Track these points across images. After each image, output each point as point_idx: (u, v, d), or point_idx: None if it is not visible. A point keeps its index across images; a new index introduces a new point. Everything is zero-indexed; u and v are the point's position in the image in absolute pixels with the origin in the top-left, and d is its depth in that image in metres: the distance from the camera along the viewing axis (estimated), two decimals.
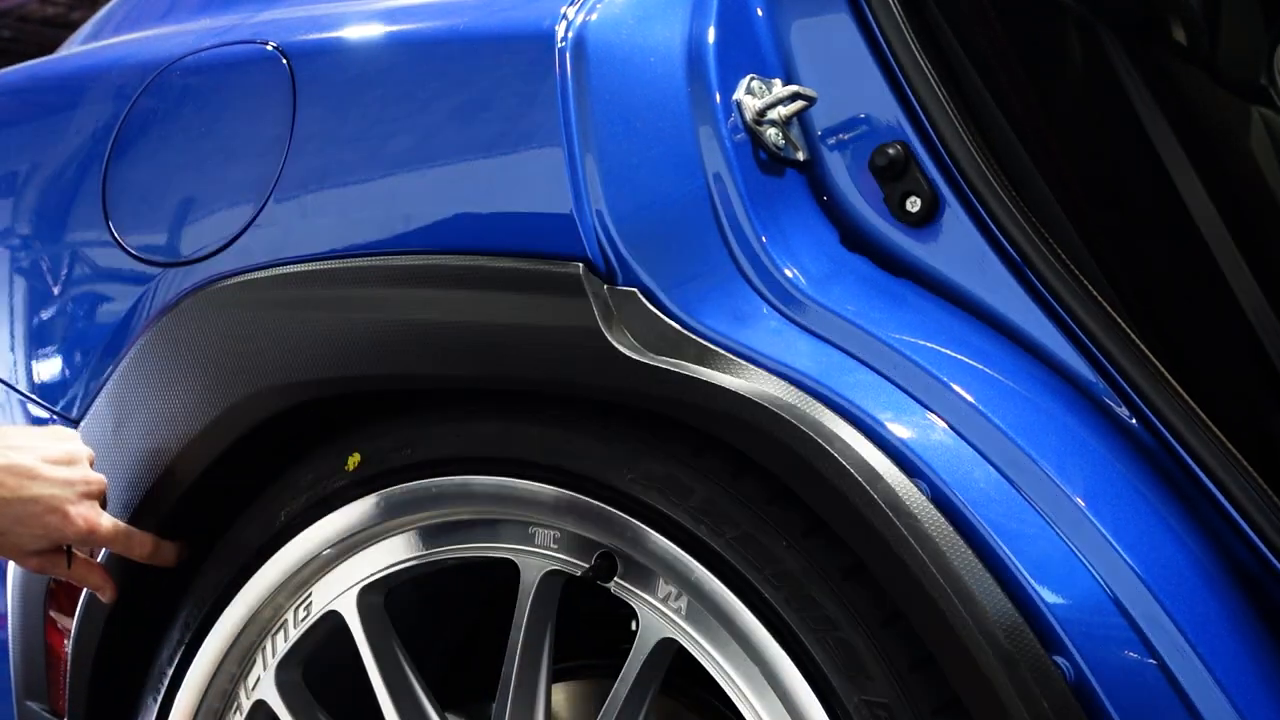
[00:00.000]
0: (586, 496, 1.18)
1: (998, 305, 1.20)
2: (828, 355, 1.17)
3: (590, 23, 1.22)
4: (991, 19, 1.37)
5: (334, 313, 1.30)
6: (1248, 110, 1.98)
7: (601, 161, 1.19)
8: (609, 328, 1.15)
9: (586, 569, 1.19)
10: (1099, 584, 1.06)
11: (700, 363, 1.14)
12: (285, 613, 1.37)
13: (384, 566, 1.32)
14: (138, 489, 1.41)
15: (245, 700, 1.39)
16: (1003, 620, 1.02)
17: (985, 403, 1.13)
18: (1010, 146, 1.29)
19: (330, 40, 1.40)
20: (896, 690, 1.04)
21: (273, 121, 1.38)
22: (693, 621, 1.14)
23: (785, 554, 1.09)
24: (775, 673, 1.09)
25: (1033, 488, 1.09)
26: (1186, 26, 1.86)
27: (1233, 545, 1.12)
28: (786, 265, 1.22)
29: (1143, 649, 1.05)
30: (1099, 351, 1.15)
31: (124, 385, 1.43)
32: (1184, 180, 1.60)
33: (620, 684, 1.18)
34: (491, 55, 1.26)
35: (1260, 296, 1.56)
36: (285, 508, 1.35)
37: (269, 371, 1.32)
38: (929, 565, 1.02)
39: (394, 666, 1.31)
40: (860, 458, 1.06)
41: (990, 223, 1.19)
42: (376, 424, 1.32)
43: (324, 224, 1.34)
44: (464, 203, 1.26)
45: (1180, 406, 1.13)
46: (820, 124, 1.29)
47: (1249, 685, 1.06)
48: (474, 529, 1.27)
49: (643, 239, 1.19)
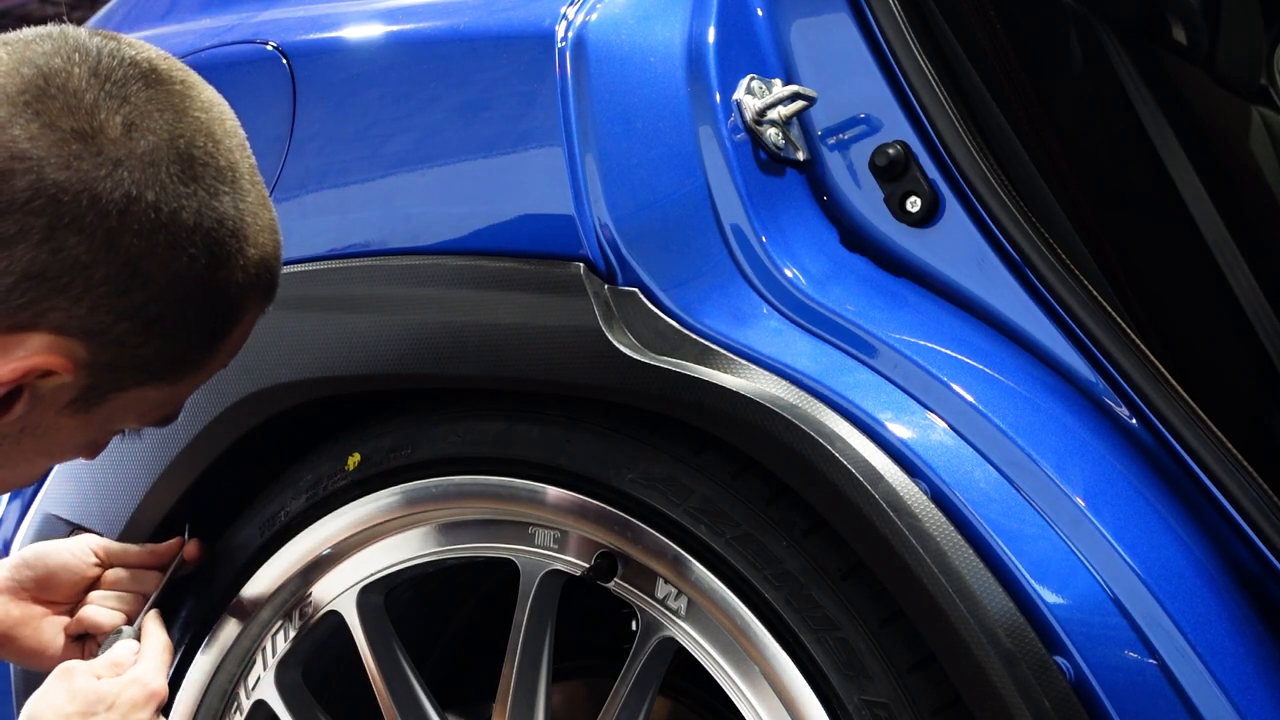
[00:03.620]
0: (586, 496, 1.18)
1: (998, 305, 1.20)
2: (828, 355, 1.17)
3: (590, 23, 1.22)
4: (991, 19, 1.37)
5: (334, 313, 1.30)
6: (1248, 110, 1.98)
7: (601, 161, 1.19)
8: (609, 327, 1.15)
9: (586, 569, 1.19)
10: (1099, 584, 1.06)
11: (700, 362, 1.14)
12: (285, 612, 1.37)
13: (384, 566, 1.32)
14: (138, 489, 1.41)
15: (245, 700, 1.39)
16: (1004, 620, 1.02)
17: (985, 403, 1.13)
18: (1010, 146, 1.29)
19: (330, 40, 1.40)
20: (896, 690, 1.04)
21: (273, 121, 1.38)
22: (693, 621, 1.14)
23: (785, 554, 1.09)
24: (775, 672, 1.09)
25: (1033, 488, 1.09)
26: (1186, 26, 1.86)
27: (1233, 545, 1.12)
28: (786, 265, 1.22)
29: (1143, 649, 1.05)
30: (1099, 351, 1.15)
31: None
32: (1184, 180, 1.61)
33: (620, 684, 1.18)
34: (491, 55, 1.27)
35: (1260, 296, 1.56)
36: (285, 508, 1.35)
37: (269, 371, 1.32)
38: (930, 565, 1.02)
39: (394, 666, 1.31)
40: (861, 457, 1.07)
41: (990, 223, 1.19)
42: (376, 424, 1.32)
43: (324, 224, 1.34)
44: (464, 203, 1.26)
45: (1180, 406, 1.13)
46: (820, 124, 1.29)
47: (1249, 685, 1.06)
48: (474, 529, 1.27)
49: (643, 239, 1.19)
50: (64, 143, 0.95)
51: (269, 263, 1.08)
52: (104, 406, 1.05)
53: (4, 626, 1.27)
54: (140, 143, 0.97)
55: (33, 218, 0.94)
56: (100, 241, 0.95)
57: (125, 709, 1.16)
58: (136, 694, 1.18)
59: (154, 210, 0.97)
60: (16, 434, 1.03)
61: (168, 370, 1.06)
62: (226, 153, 1.03)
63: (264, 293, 1.09)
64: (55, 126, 0.95)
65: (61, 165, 0.94)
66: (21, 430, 1.03)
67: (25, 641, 1.28)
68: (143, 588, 1.32)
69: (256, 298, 1.08)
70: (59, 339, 0.98)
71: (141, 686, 1.19)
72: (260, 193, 1.07)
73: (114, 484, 1.43)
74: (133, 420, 1.11)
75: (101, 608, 1.30)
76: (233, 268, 1.03)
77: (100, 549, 1.33)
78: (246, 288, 1.05)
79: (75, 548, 1.32)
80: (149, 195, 0.96)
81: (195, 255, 1.00)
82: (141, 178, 0.96)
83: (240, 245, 1.03)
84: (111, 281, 0.97)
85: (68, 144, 0.95)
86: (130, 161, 0.96)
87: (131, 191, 0.96)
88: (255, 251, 1.05)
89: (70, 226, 0.94)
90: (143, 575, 1.33)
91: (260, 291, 1.08)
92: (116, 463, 1.42)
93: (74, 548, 1.32)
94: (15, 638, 1.27)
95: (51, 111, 0.95)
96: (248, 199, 1.04)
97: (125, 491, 1.43)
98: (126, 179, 0.96)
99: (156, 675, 1.21)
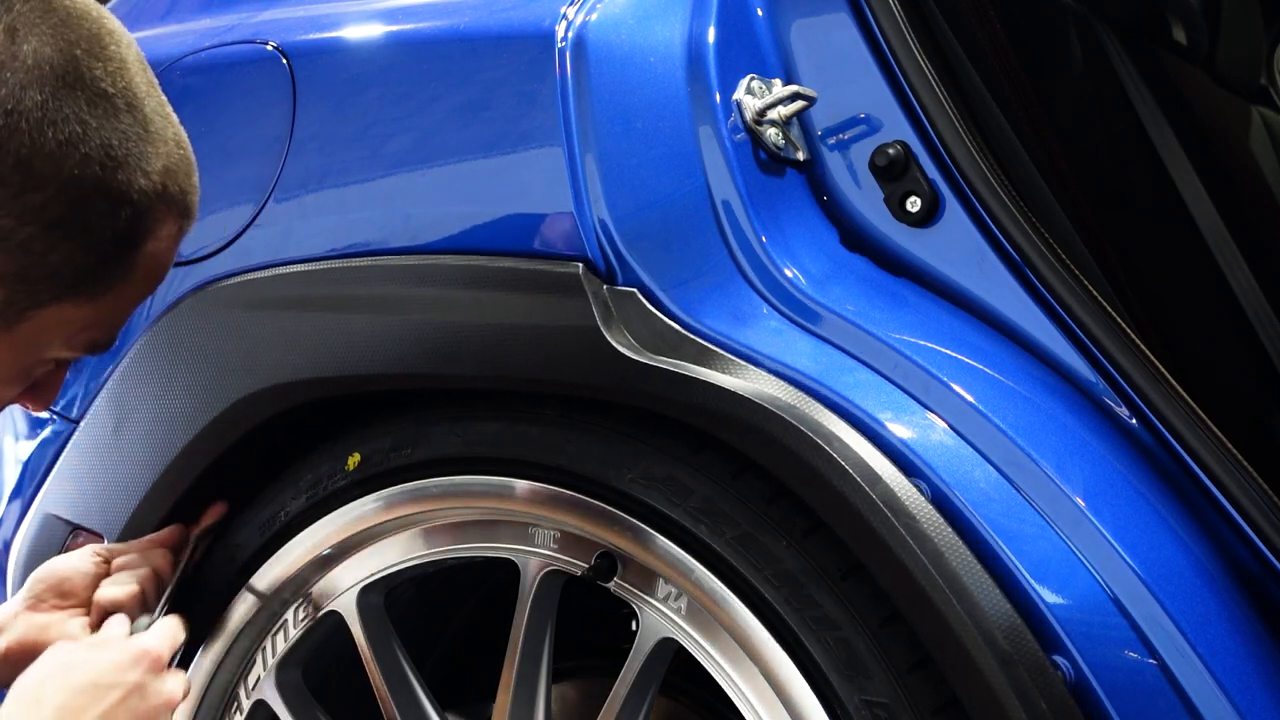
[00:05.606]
0: (586, 496, 1.18)
1: (998, 305, 1.20)
2: (828, 355, 1.17)
3: (590, 23, 1.22)
4: (991, 19, 1.37)
5: (334, 313, 1.30)
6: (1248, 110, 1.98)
7: (601, 161, 1.19)
8: (609, 328, 1.15)
9: (586, 569, 1.19)
10: (1099, 584, 1.06)
11: (700, 363, 1.14)
12: (285, 613, 1.37)
13: (384, 566, 1.32)
14: (138, 489, 1.41)
15: (245, 700, 1.39)
16: (1001, 620, 1.02)
17: (985, 403, 1.13)
18: (1010, 146, 1.29)
19: (330, 40, 1.40)
20: (896, 690, 1.04)
21: (273, 121, 1.38)
22: (693, 621, 1.14)
23: (785, 554, 1.09)
24: (775, 672, 1.09)
25: (1033, 488, 1.09)
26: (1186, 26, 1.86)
27: (1233, 545, 1.12)
28: (786, 265, 1.22)
29: (1143, 649, 1.05)
30: (1099, 351, 1.15)
31: (124, 385, 1.43)
32: (1184, 180, 1.61)
33: (620, 684, 1.18)
34: (491, 55, 1.27)
35: (1260, 296, 1.56)
36: (285, 508, 1.35)
37: (269, 371, 1.32)
38: (927, 566, 1.02)
39: (394, 666, 1.31)
40: (860, 458, 1.07)
41: (990, 223, 1.19)
42: (376, 424, 1.32)
43: (324, 224, 1.34)
44: (464, 203, 1.26)
45: (1180, 406, 1.13)
46: (820, 124, 1.29)
47: (1249, 685, 1.06)
48: (474, 529, 1.27)
49: (642, 239, 1.19)
50: None
51: (175, 174, 1.09)
52: (24, 325, 1.07)
53: (33, 635, 1.29)
54: (24, 46, 1.00)
55: None
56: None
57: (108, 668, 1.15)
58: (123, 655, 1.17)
59: (40, 110, 0.99)
60: None
61: (81, 283, 1.07)
62: (117, 61, 1.05)
63: (173, 205, 1.10)
64: None
65: None
66: None
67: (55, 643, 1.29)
68: (151, 564, 1.33)
69: (165, 209, 1.09)
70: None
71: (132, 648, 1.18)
72: (160, 105, 1.09)
73: (114, 484, 1.43)
74: (60, 344, 1.11)
75: (115, 585, 1.31)
76: (131, 170, 1.05)
77: (101, 550, 1.35)
78: (151, 194, 1.07)
79: (78, 554, 1.34)
80: (34, 95, 0.99)
81: (89, 155, 1.02)
82: (25, 79, 0.99)
83: (140, 150, 1.05)
84: (4, 183, 1.00)
85: None
86: (13, 64, 0.99)
87: (16, 92, 0.99)
88: (159, 161, 1.07)
89: None
90: (148, 553, 1.34)
91: (167, 202, 1.09)
92: (116, 463, 1.42)
93: (77, 555, 1.34)
94: (46, 642, 1.28)
95: None
96: (143, 108, 1.07)
97: (125, 491, 1.43)
98: (10, 79, 0.99)
99: (155, 640, 1.21)
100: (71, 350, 1.13)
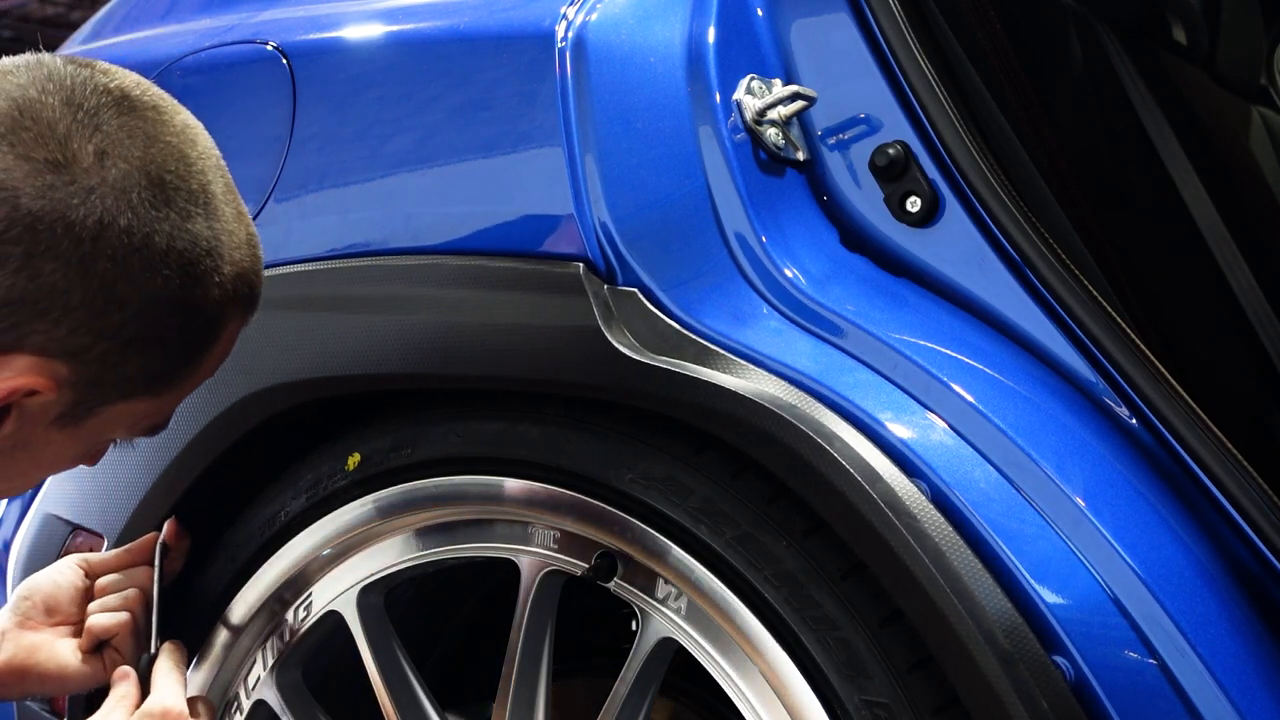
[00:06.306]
0: (586, 496, 1.18)
1: (998, 305, 1.20)
2: (828, 355, 1.16)
3: (590, 23, 1.22)
4: (991, 19, 1.37)
5: (334, 313, 1.30)
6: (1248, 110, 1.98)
7: (601, 162, 1.19)
8: (609, 327, 1.15)
9: (586, 569, 1.19)
10: (1099, 584, 1.06)
11: (700, 362, 1.14)
12: (285, 613, 1.37)
13: (384, 566, 1.32)
14: (138, 489, 1.41)
15: (245, 700, 1.39)
16: (1002, 620, 1.02)
17: (985, 403, 1.13)
18: (1010, 146, 1.29)
19: (330, 40, 1.40)
20: (896, 690, 1.04)
21: (273, 121, 1.38)
22: (693, 621, 1.14)
23: (785, 554, 1.09)
24: (775, 672, 1.09)
25: (1033, 488, 1.09)
26: (1186, 26, 1.86)
27: (1233, 545, 1.12)
28: (786, 265, 1.22)
29: (1143, 649, 1.05)
30: (1099, 351, 1.15)
31: None
32: (1184, 180, 1.61)
33: (620, 684, 1.18)
34: (491, 55, 1.27)
35: (1260, 296, 1.56)
36: (285, 508, 1.35)
37: (269, 371, 1.32)
38: (928, 565, 1.02)
39: (394, 666, 1.31)
40: (860, 457, 1.06)
41: (990, 223, 1.19)
42: (376, 424, 1.32)
43: (324, 224, 1.34)
44: (464, 203, 1.26)
45: (1180, 406, 1.13)
46: (820, 124, 1.29)
47: (1249, 685, 1.06)
48: (474, 529, 1.27)
49: (643, 239, 1.19)
50: (38, 173, 0.98)
51: (246, 276, 1.11)
52: (91, 420, 1.09)
53: (22, 656, 1.29)
54: (112, 170, 1.01)
55: (10, 246, 0.98)
56: (75, 267, 0.99)
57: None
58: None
59: (127, 235, 1.00)
60: (9, 450, 1.08)
61: (151, 384, 1.09)
62: (199, 174, 1.07)
63: (243, 305, 1.13)
64: (29, 158, 0.98)
65: (36, 195, 0.98)
66: (13, 446, 1.08)
67: (45, 666, 1.30)
68: (135, 582, 1.34)
69: (236, 311, 1.12)
70: (41, 360, 1.02)
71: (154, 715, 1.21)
72: (236, 209, 1.11)
73: (114, 484, 1.43)
74: (122, 431, 1.14)
75: (105, 612, 1.32)
76: (208, 285, 1.06)
77: (82, 562, 1.35)
78: (223, 303, 1.09)
79: (59, 568, 1.35)
80: (121, 221, 1.00)
81: (169, 276, 1.03)
82: (114, 204, 1.00)
83: (215, 263, 1.07)
84: (88, 305, 1.01)
85: (42, 174, 0.98)
86: (103, 189, 1.00)
87: (104, 218, 0.99)
88: (231, 268, 1.08)
89: (46, 254, 0.98)
90: (132, 572, 1.35)
91: (239, 304, 1.12)
92: (116, 463, 1.42)
93: (58, 568, 1.35)
94: (36, 664, 1.29)
95: (26, 142, 0.99)
96: (222, 218, 1.08)
97: (125, 491, 1.43)
98: (99, 206, 0.99)
99: (171, 696, 1.23)
100: (131, 434, 1.17)
